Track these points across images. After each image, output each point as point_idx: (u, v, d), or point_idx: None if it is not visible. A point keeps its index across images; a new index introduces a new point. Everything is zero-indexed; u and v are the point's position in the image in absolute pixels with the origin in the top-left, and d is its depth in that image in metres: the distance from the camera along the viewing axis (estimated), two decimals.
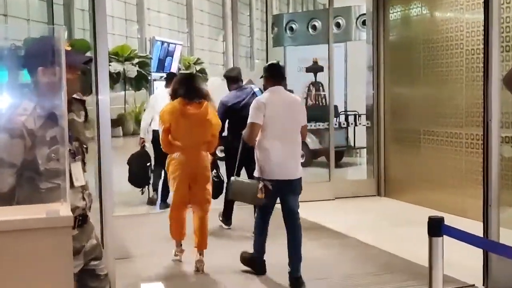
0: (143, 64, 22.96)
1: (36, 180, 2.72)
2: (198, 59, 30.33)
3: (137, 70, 22.47)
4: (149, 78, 23.39)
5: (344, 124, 11.57)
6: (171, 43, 26.04)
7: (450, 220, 6.17)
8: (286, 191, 4.93)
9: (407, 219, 7.38)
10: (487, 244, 2.54)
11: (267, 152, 4.85)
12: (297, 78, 14.12)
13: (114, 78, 21.41)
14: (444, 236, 2.84)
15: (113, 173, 4.00)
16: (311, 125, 10.71)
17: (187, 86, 5.35)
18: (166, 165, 5.49)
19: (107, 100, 3.93)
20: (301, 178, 5.02)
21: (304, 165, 12.05)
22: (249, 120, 4.91)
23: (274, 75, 5.05)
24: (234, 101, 6.43)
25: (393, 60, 8.69)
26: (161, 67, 24.89)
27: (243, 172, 6.47)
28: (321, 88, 13.38)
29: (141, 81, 22.93)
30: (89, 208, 2.97)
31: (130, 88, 23.27)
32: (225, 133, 6.52)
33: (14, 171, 2.69)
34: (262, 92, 5.62)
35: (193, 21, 38.85)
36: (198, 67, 29.04)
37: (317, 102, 13.41)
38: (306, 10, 48.43)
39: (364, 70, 9.37)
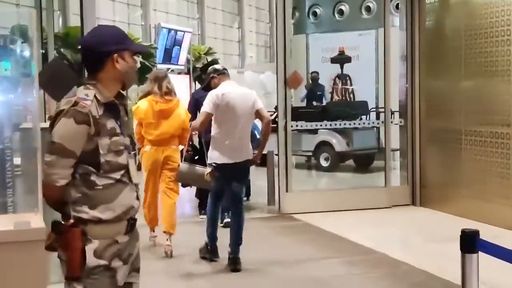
0: (148, 55, 23.01)
1: (91, 176, 2.81)
2: (210, 48, 30.30)
3: (141, 62, 22.52)
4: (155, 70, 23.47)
5: (375, 122, 11.50)
6: (179, 31, 26.03)
7: (499, 234, 6.15)
8: (232, 175, 6.03)
9: (446, 233, 7.26)
10: None
11: (216, 139, 6.03)
12: (321, 69, 14.14)
13: None
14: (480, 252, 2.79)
15: None
16: (336, 124, 10.73)
17: (159, 84, 6.59)
18: (139, 157, 6.60)
19: None
20: (248, 162, 6.14)
21: (329, 169, 12.28)
22: (202, 109, 6.08)
23: (225, 73, 6.31)
24: (202, 94, 7.05)
25: (430, 49, 8.64)
26: (167, 57, 24.90)
27: None
28: (348, 81, 13.35)
29: (145, 74, 22.99)
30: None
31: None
32: None
33: (73, 162, 2.77)
34: None
35: (205, 5, 38.91)
36: (209, 58, 29.06)
37: (344, 97, 13.37)
38: None
39: (398, 61, 9.30)
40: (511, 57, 7.22)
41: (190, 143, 6.63)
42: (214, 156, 6.01)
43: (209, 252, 6.30)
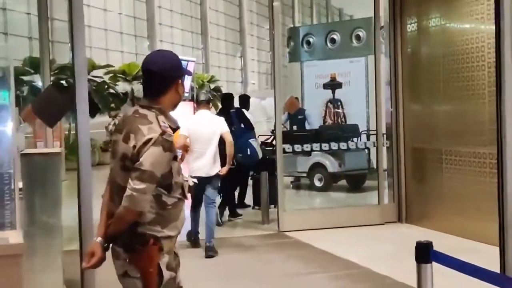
0: None
1: (162, 197, 2.87)
2: (213, 76, 30.64)
3: None
4: None
5: (365, 144, 11.62)
6: (183, 60, 26.29)
7: (478, 248, 6.19)
8: (206, 184, 7.28)
9: None
10: (478, 272, 2.57)
11: (192, 156, 7.32)
12: (315, 95, 14.24)
13: (122, 98, 21.69)
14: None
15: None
16: (328, 146, 10.85)
17: None
18: None
19: (86, 126, 4.01)
20: (217, 175, 7.37)
21: (323, 189, 12.31)
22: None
23: (202, 102, 7.63)
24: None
25: (412, 74, 8.75)
26: None
27: None
28: (340, 105, 13.43)
29: None
30: None
31: None
32: None
33: (154, 187, 2.81)
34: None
35: (208, 36, 39.29)
36: (212, 85, 29.30)
37: (336, 121, 13.45)
38: (347, 20, 48.83)
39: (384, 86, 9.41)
40: (486, 81, 7.32)
41: None
42: (192, 169, 7.26)
43: (192, 241, 7.73)
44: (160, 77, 2.89)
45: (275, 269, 6.74)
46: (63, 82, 19.42)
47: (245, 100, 10.69)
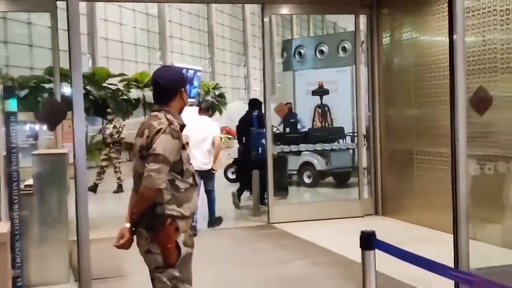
0: None
1: (176, 181, 3.14)
2: (217, 84, 30.68)
3: None
4: None
5: (349, 145, 11.75)
6: (190, 69, 26.40)
7: (442, 238, 6.25)
8: (203, 177, 8.09)
9: (398, 237, 7.42)
10: (413, 258, 2.66)
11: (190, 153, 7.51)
12: (306, 101, 14.33)
13: (134, 104, 21.79)
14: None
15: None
16: (316, 147, 11.03)
17: None
18: None
19: (82, 129, 4.10)
20: (210, 169, 8.21)
21: (311, 185, 12.39)
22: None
23: (201, 107, 8.78)
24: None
25: (387, 83, 8.83)
26: None
27: None
28: (327, 110, 13.51)
29: None
30: None
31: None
32: None
33: (168, 170, 3.09)
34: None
35: (215, 47, 39.38)
36: (217, 92, 29.36)
37: (323, 124, 13.53)
38: (326, 34, 48.78)
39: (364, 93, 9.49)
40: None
41: None
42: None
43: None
44: (166, 88, 3.26)
45: (261, 256, 6.83)
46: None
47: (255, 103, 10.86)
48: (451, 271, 2.44)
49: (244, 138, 10.53)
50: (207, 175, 8.26)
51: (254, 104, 10.49)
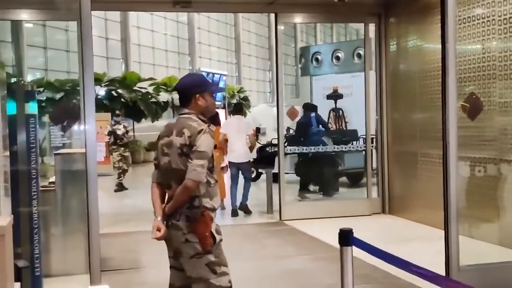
0: None
1: (207, 177, 3.32)
2: (242, 87, 30.82)
3: None
4: None
5: (361, 147, 11.71)
6: (216, 74, 26.58)
7: (443, 236, 6.25)
8: (241, 168, 9.27)
9: (402, 235, 7.48)
10: (385, 256, 2.73)
11: (231, 148, 9.15)
12: (322, 104, 14.36)
13: (162, 107, 22.03)
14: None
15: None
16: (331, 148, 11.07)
17: None
18: None
19: (93, 130, 4.24)
20: (249, 161, 9.40)
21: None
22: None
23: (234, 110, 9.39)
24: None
25: (394, 88, 8.84)
26: None
27: None
28: (341, 113, 13.52)
29: None
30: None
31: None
32: None
33: (208, 164, 3.31)
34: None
35: (241, 53, 39.55)
36: (242, 95, 29.50)
37: (338, 127, 13.54)
38: (349, 40, 48.56)
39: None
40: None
41: None
42: (229, 157, 9.28)
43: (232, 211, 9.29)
44: (182, 93, 3.45)
45: (269, 251, 6.92)
46: (113, 92, 19.84)
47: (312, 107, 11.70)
48: (419, 270, 2.50)
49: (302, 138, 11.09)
50: (245, 167, 9.34)
51: (308, 107, 11.38)
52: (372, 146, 9.37)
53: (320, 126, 10.98)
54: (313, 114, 11.09)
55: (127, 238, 7.78)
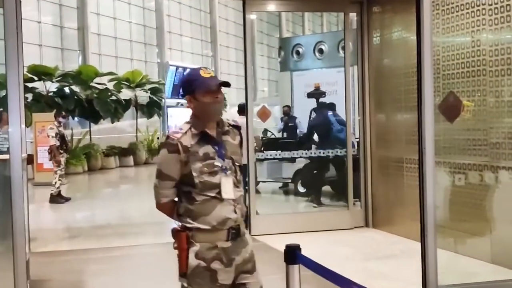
0: (156, 90, 23.57)
1: (192, 193, 3.28)
2: None
3: (149, 96, 23.10)
4: (162, 104, 23.99)
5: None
6: (187, 68, 26.67)
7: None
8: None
9: (385, 251, 7.60)
10: (332, 276, 2.83)
11: None
12: (304, 103, 14.49)
13: (124, 105, 22.04)
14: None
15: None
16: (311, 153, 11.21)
17: None
18: None
19: (18, 133, 4.26)
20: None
21: (307, 194, 12.53)
22: None
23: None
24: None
25: (377, 85, 8.96)
26: (176, 92, 25.53)
27: None
28: None
29: (153, 108, 23.56)
30: (242, 222, 3.41)
31: (143, 116, 23.89)
32: None
33: (172, 184, 3.30)
34: None
35: (218, 44, 39.61)
36: None
37: None
38: (334, 31, 48.89)
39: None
40: (441, 93, 7.44)
41: None
42: None
43: None
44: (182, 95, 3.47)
45: None
46: (66, 88, 19.81)
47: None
48: None
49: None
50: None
51: (324, 106, 12.13)
52: (353, 151, 9.49)
53: (338, 125, 11.37)
54: (330, 113, 11.70)
55: (71, 257, 7.82)
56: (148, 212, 12.40)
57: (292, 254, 3.20)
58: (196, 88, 3.29)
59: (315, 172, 11.97)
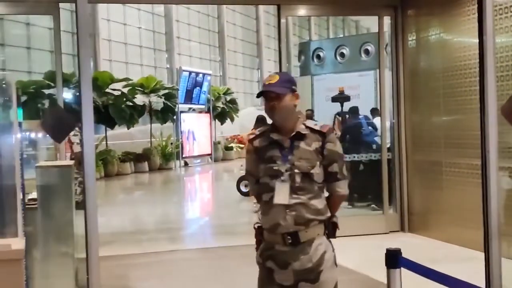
0: (170, 96, 23.54)
1: (263, 194, 3.44)
2: (228, 89, 30.83)
3: (163, 102, 23.08)
4: (176, 110, 23.95)
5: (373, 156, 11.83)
6: (199, 73, 26.64)
7: (474, 256, 6.36)
8: None
9: (426, 256, 7.51)
10: (441, 277, 2.79)
11: None
12: (326, 108, 14.45)
13: (139, 111, 22.02)
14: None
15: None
16: None
17: None
18: None
19: (91, 139, 4.26)
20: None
21: None
22: None
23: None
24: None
25: (413, 88, 8.94)
26: (188, 98, 25.49)
27: None
28: (348, 118, 13.60)
29: (167, 114, 23.53)
30: (302, 229, 3.36)
31: (157, 121, 23.84)
32: None
33: (253, 180, 3.53)
34: None
35: (226, 49, 39.63)
36: (228, 97, 29.54)
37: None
38: (349, 35, 48.88)
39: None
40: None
41: None
42: None
43: None
44: None
45: None
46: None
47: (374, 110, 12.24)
48: None
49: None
50: None
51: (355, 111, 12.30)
52: (388, 155, 9.45)
53: (370, 127, 11.57)
54: (361, 116, 12.01)
55: (111, 262, 7.79)
56: (175, 218, 12.41)
57: (394, 258, 3.15)
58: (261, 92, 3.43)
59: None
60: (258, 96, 3.45)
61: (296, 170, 3.33)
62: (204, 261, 7.91)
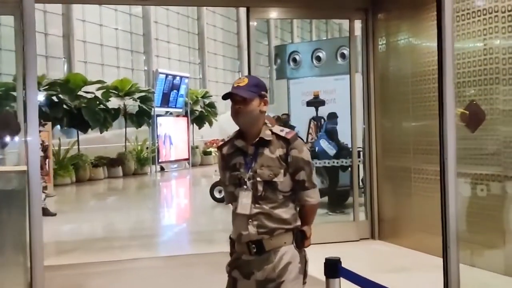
0: (145, 99, 23.48)
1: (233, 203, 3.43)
2: (207, 92, 30.80)
3: (139, 105, 23.02)
4: (152, 113, 23.88)
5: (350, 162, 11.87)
6: (176, 76, 26.59)
7: (439, 265, 6.39)
8: None
9: (394, 264, 7.59)
10: None
11: None
12: (302, 112, 14.48)
13: (113, 114, 21.94)
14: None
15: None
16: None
17: None
18: None
19: (36, 142, 4.24)
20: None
21: None
22: None
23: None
24: None
25: (384, 92, 8.98)
26: (165, 101, 25.45)
27: None
28: (323, 123, 13.65)
29: (142, 117, 23.47)
30: (267, 239, 3.30)
31: (132, 125, 23.77)
32: None
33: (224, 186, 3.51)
34: None
35: (205, 51, 39.61)
36: (207, 101, 29.51)
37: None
38: (331, 38, 49.08)
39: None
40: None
41: None
42: None
43: None
44: None
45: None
46: (54, 97, 19.68)
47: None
48: None
49: None
50: None
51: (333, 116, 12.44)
52: (359, 161, 9.50)
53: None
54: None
55: (71, 271, 7.75)
56: (147, 225, 12.37)
57: (333, 267, 3.15)
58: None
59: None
60: (225, 98, 3.37)
61: (258, 178, 3.27)
62: (172, 269, 7.87)
